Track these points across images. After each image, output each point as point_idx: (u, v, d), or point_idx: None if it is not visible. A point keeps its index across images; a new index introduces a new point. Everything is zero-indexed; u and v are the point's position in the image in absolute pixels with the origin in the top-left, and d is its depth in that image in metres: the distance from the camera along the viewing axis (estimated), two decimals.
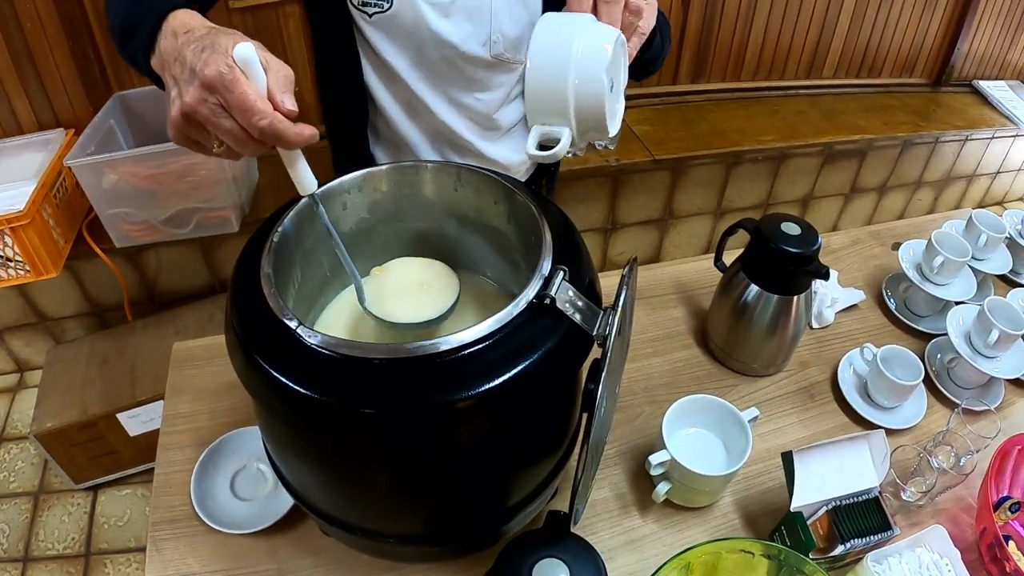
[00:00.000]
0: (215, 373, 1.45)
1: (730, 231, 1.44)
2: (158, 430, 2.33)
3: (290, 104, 0.78)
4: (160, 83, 0.89)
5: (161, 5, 0.89)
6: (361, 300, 0.98)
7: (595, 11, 0.94)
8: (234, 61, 0.75)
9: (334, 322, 1.11)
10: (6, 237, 2.12)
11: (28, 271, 2.22)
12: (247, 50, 0.76)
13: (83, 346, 2.53)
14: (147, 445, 2.42)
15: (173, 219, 2.33)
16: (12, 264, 2.21)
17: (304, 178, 0.86)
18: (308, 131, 0.79)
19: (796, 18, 3.18)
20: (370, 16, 1.31)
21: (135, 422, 2.34)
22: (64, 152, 2.32)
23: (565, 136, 0.88)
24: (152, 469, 2.46)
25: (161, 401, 2.25)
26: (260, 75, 0.77)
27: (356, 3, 1.30)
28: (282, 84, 0.79)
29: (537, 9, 1.37)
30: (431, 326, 0.99)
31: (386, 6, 1.29)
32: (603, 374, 0.78)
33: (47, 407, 2.32)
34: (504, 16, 1.35)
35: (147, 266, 2.61)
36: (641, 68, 1.26)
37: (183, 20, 0.86)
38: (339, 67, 1.42)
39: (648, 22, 0.98)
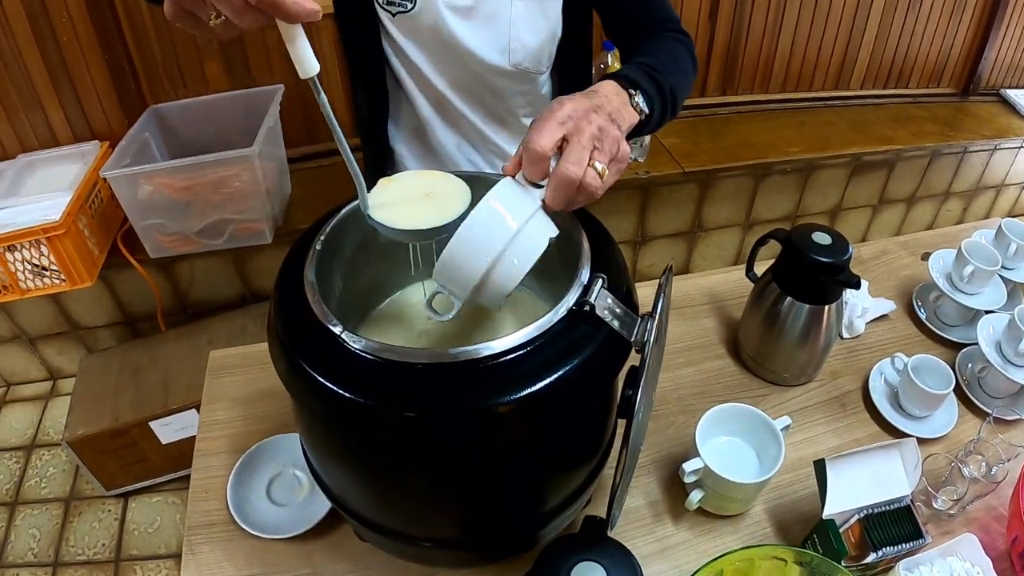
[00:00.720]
0: (250, 381, 1.48)
1: (761, 241, 1.44)
2: (190, 438, 2.36)
3: None
4: None
5: None
6: (364, 207, 0.92)
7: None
8: None
9: (374, 331, 1.13)
10: (42, 247, 2.16)
11: (63, 280, 2.25)
12: None
13: (116, 355, 2.57)
14: (179, 453, 2.45)
15: (207, 230, 2.35)
16: (48, 273, 2.24)
17: (305, 58, 0.79)
18: (309, 4, 0.74)
19: (823, 30, 3.17)
20: (393, 15, 1.33)
21: (167, 430, 2.37)
22: (99, 164, 2.36)
23: (456, 307, 0.87)
24: (183, 477, 2.51)
25: (193, 410, 2.29)
26: None
27: (381, 2, 1.32)
28: None
29: (557, 20, 1.38)
30: (437, 235, 0.90)
31: (409, 6, 1.31)
32: (642, 380, 0.79)
33: (80, 414, 2.36)
34: (523, 26, 1.36)
35: (180, 276, 2.64)
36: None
37: None
38: (364, 63, 1.44)
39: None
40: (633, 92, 1.01)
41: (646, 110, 1.03)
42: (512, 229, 0.81)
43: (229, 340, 2.54)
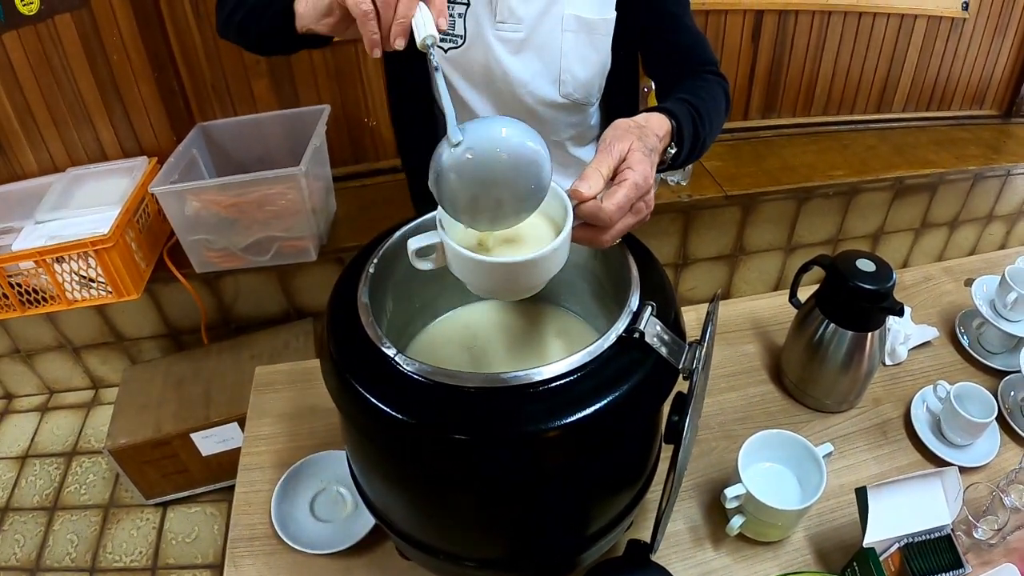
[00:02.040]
0: (295, 398, 1.49)
1: (805, 268, 1.44)
2: (230, 451, 2.40)
3: None
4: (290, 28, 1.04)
5: None
6: (452, 133, 0.85)
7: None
8: None
9: (422, 353, 1.14)
10: (90, 259, 2.20)
11: (110, 292, 2.29)
12: None
13: (159, 366, 2.60)
14: (218, 465, 2.48)
15: (253, 247, 2.38)
16: (95, 285, 2.28)
17: (422, 20, 0.88)
18: None
19: (865, 53, 3.17)
20: (445, 51, 1.35)
21: (208, 442, 2.39)
22: (148, 179, 2.39)
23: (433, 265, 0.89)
24: (222, 488, 2.54)
25: (235, 423, 2.32)
26: None
27: None
28: None
29: (607, 53, 1.39)
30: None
31: (460, 42, 1.33)
32: (690, 407, 0.80)
33: (122, 424, 2.39)
34: (574, 58, 1.37)
35: (225, 291, 2.68)
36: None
37: None
38: (414, 100, 1.45)
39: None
40: (674, 145, 1.05)
41: (668, 161, 1.08)
42: (564, 259, 0.87)
43: (272, 355, 2.58)
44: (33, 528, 2.54)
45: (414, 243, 0.86)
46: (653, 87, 2.54)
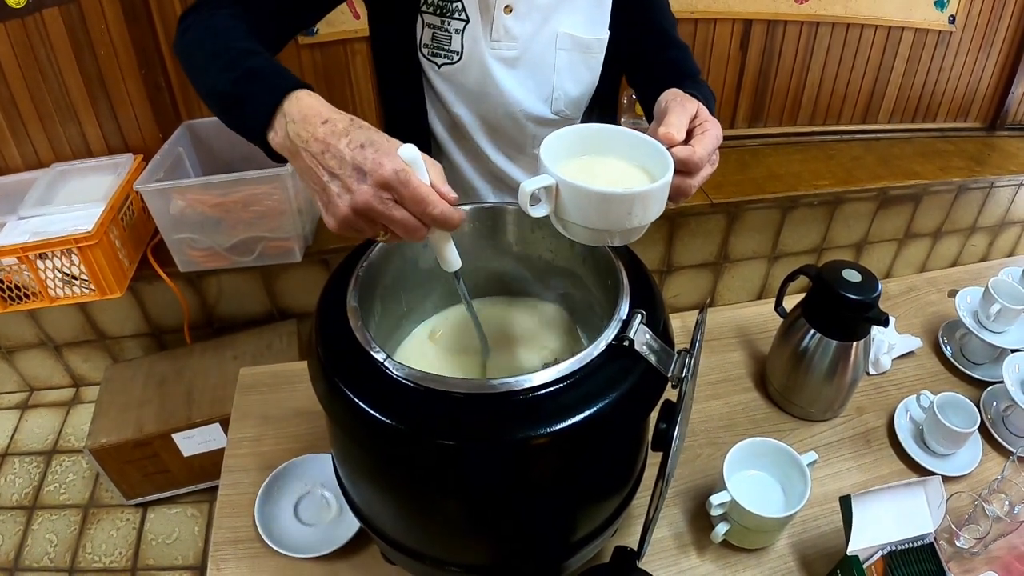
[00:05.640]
0: (280, 400, 1.49)
1: (791, 277, 1.45)
2: (212, 452, 2.38)
3: (452, 192, 0.84)
4: (271, 153, 0.94)
5: (278, 81, 0.93)
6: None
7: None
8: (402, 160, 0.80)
9: (409, 356, 1.14)
10: (73, 256, 2.18)
11: (93, 290, 2.28)
12: (413, 151, 0.81)
13: (141, 365, 2.58)
14: (200, 466, 2.47)
15: (238, 247, 2.37)
16: (78, 282, 2.26)
17: (452, 258, 0.92)
18: (460, 213, 0.84)
19: (852, 64, 3.19)
20: (439, 67, 1.34)
21: (190, 443, 2.38)
22: (133, 177, 2.38)
23: (544, 212, 0.88)
24: (203, 489, 2.52)
25: (217, 424, 2.31)
26: (424, 171, 0.82)
27: (427, 54, 1.33)
28: (440, 176, 0.85)
29: (598, 71, 1.39)
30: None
31: (456, 58, 1.32)
32: (679, 415, 0.80)
33: (103, 423, 2.37)
34: (566, 75, 1.37)
35: (208, 291, 2.67)
36: None
37: (312, 107, 0.88)
38: (405, 112, 1.44)
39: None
40: None
41: None
42: (665, 201, 0.89)
43: (255, 356, 2.56)
44: (12, 527, 2.52)
45: (528, 186, 0.85)
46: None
